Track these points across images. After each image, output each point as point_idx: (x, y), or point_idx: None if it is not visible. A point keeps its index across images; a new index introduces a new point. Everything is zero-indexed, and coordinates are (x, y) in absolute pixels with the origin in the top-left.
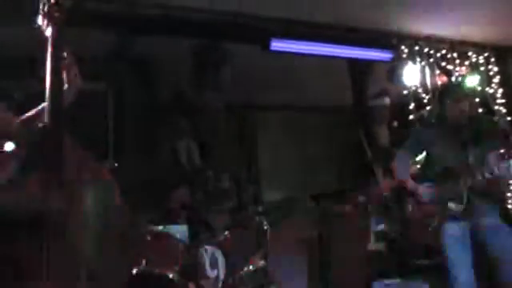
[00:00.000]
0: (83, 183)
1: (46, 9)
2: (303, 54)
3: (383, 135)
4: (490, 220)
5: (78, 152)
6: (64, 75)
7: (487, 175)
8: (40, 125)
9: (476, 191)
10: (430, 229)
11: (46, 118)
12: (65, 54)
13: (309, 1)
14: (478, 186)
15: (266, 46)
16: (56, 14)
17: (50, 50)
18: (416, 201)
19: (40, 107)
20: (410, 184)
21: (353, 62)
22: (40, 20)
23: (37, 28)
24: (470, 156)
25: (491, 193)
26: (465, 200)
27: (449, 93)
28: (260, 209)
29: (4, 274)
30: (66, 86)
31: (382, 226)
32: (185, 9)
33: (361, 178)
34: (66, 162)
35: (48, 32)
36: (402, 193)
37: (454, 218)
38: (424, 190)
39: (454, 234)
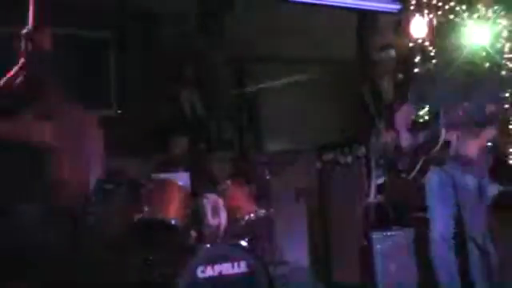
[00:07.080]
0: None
1: None
2: (309, 4)
3: (388, 88)
4: (469, 177)
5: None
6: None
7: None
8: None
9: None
10: (409, 178)
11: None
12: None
13: None
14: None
15: None
16: None
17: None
18: (399, 150)
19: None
20: (402, 134)
21: (359, 14)
22: None
23: None
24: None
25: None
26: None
27: (438, 32)
28: (262, 159)
29: None
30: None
31: (382, 179)
32: None
33: (363, 131)
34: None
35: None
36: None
37: (439, 165)
38: (404, 136)
39: (435, 183)
